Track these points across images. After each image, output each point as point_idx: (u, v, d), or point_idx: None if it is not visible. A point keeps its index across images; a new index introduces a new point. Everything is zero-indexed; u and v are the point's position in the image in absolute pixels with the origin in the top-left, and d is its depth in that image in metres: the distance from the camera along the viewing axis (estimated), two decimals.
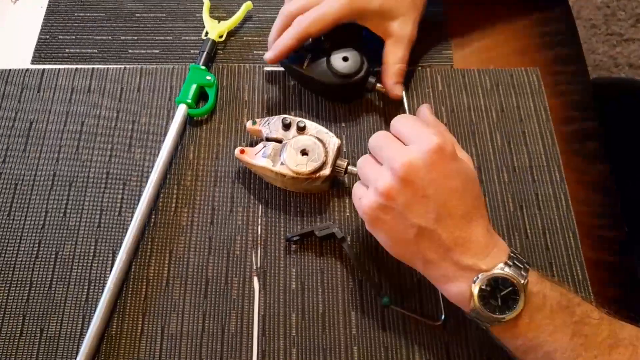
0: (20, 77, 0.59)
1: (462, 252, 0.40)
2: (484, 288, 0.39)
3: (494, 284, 0.39)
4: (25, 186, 0.54)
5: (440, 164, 0.41)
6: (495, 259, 0.40)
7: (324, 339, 0.48)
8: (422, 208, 0.40)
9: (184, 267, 0.51)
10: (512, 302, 0.39)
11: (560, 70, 0.61)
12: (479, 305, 0.39)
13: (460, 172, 0.42)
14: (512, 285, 0.39)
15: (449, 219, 0.40)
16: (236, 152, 0.51)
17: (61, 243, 0.51)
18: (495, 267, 0.39)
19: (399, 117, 0.44)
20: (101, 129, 0.57)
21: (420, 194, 0.40)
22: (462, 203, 0.41)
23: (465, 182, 0.42)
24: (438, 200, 0.40)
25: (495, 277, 0.39)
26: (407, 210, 0.40)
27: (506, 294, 0.39)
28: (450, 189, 0.41)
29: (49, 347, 0.47)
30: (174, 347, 0.48)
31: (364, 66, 0.55)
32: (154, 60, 0.61)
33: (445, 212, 0.40)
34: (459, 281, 0.40)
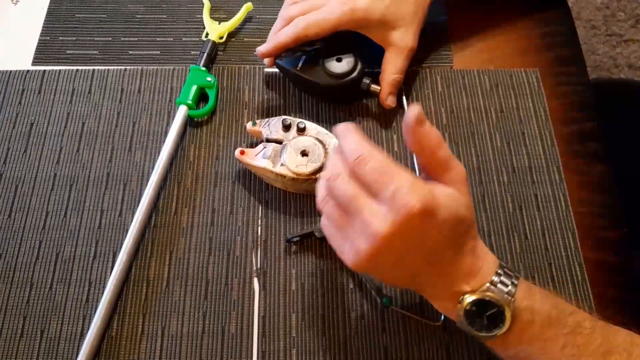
0: (21, 78, 0.59)
1: (450, 281, 0.40)
2: (468, 309, 0.39)
3: (479, 305, 0.39)
4: (26, 187, 0.54)
5: (423, 228, 0.37)
6: (479, 282, 0.39)
7: (324, 339, 0.48)
8: (404, 267, 0.39)
9: (184, 268, 0.51)
10: (498, 320, 0.39)
11: (560, 71, 0.62)
12: (464, 325, 0.39)
13: (443, 223, 0.38)
14: (497, 306, 0.38)
15: (436, 265, 0.39)
16: (236, 153, 0.52)
17: (62, 244, 0.51)
18: (481, 288, 0.39)
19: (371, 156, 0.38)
20: (102, 130, 0.57)
21: (403, 256, 0.38)
22: (448, 248, 0.39)
23: (453, 226, 0.38)
24: (422, 256, 0.38)
25: (478, 300, 0.39)
26: (392, 268, 0.39)
27: (492, 315, 0.39)
28: (434, 241, 0.38)
29: (50, 348, 0.48)
30: (174, 347, 0.48)
31: (358, 67, 0.55)
32: (154, 61, 0.61)
33: (431, 261, 0.39)
34: (447, 301, 0.40)
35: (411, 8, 0.54)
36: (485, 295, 0.39)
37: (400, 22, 0.54)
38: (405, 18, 0.54)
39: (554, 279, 0.51)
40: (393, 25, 0.54)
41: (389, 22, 0.54)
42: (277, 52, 0.55)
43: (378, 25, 0.54)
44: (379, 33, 0.55)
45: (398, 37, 0.55)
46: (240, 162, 0.53)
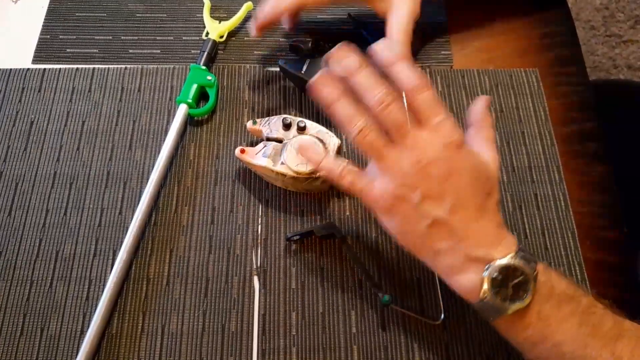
0: (21, 76, 0.59)
1: (474, 243, 0.40)
2: (495, 277, 0.39)
3: (506, 273, 0.39)
4: (26, 185, 0.54)
5: (459, 157, 0.41)
6: (506, 250, 0.40)
7: (324, 338, 0.48)
8: (438, 199, 0.40)
9: (185, 267, 0.51)
10: (522, 291, 0.39)
11: (559, 72, 0.62)
12: (489, 295, 0.39)
13: (473, 167, 0.42)
14: (523, 274, 0.39)
15: (462, 210, 0.40)
16: (236, 152, 0.52)
17: (62, 242, 0.51)
18: (506, 256, 0.39)
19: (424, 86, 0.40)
20: (102, 129, 0.57)
21: (437, 186, 0.40)
22: (476, 197, 0.41)
23: (477, 177, 0.41)
24: (454, 193, 0.40)
25: (507, 266, 0.39)
26: (423, 201, 0.40)
27: (517, 283, 0.39)
28: (464, 182, 0.41)
29: (50, 345, 0.48)
30: (174, 346, 0.48)
31: None
32: (154, 60, 0.61)
33: (459, 204, 0.40)
34: (469, 271, 0.40)
35: None
36: (514, 262, 0.39)
37: None
38: None
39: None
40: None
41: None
42: (277, 17, 0.54)
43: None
44: (380, 2, 0.54)
45: (400, 2, 0.54)
46: (240, 161, 0.53)
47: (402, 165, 0.40)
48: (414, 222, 0.41)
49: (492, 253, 0.40)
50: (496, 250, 0.40)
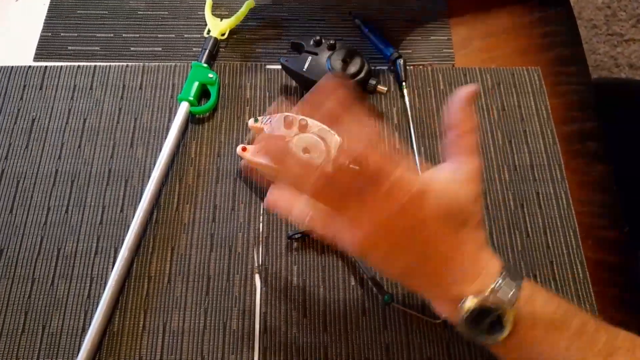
0: (23, 74, 0.59)
1: (448, 283, 0.39)
2: (467, 316, 0.38)
3: (480, 311, 0.38)
4: (28, 183, 0.54)
5: (421, 210, 0.38)
6: (481, 285, 0.38)
7: (325, 336, 0.48)
8: (405, 251, 0.39)
9: (186, 264, 0.51)
10: (499, 325, 0.38)
11: (561, 71, 0.62)
12: (465, 329, 0.39)
13: (446, 207, 0.39)
14: (497, 310, 0.38)
15: (433, 259, 0.39)
16: (238, 150, 0.52)
17: (63, 240, 0.51)
18: (482, 292, 0.38)
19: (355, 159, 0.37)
20: (103, 126, 0.57)
21: (403, 239, 0.38)
22: (444, 241, 0.39)
23: (451, 214, 0.39)
24: (419, 245, 0.39)
25: (479, 305, 0.38)
26: (391, 252, 0.39)
27: (492, 319, 0.38)
28: (429, 232, 0.38)
29: (51, 343, 0.48)
30: (175, 343, 0.48)
31: (365, 68, 0.55)
32: (156, 58, 0.61)
33: (427, 254, 0.39)
34: (446, 306, 0.39)
35: None
36: (487, 301, 0.38)
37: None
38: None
39: (555, 277, 0.51)
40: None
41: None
42: None
43: None
44: None
45: None
46: (242, 159, 0.53)
47: (363, 222, 0.38)
48: (388, 267, 0.40)
49: (466, 291, 0.38)
50: (471, 286, 0.38)
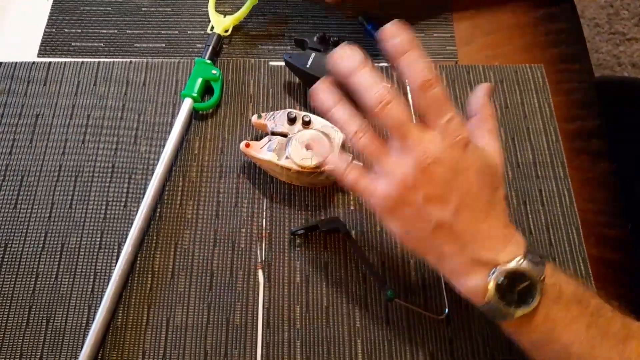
0: (27, 70, 0.59)
1: (479, 246, 0.39)
2: (500, 282, 0.38)
3: (511, 278, 0.38)
4: (32, 178, 0.54)
5: (465, 157, 0.39)
6: (513, 253, 0.39)
7: (328, 331, 0.49)
8: (442, 202, 0.39)
9: (189, 260, 0.51)
10: (528, 296, 0.38)
11: (564, 68, 0.62)
12: (494, 299, 0.38)
13: (481, 164, 0.40)
14: (529, 279, 0.38)
15: (468, 212, 0.39)
16: (241, 146, 0.52)
17: (67, 235, 0.52)
18: (513, 260, 0.38)
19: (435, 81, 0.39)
20: (107, 122, 0.57)
21: (441, 188, 0.39)
22: (481, 196, 0.40)
23: (484, 174, 0.40)
24: (459, 194, 0.39)
25: (512, 271, 0.38)
26: (426, 203, 0.39)
27: (523, 288, 0.38)
28: (469, 181, 0.40)
29: (55, 338, 0.48)
30: (178, 338, 0.48)
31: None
32: (159, 54, 0.61)
33: (464, 205, 0.39)
34: (475, 275, 0.39)
35: None
36: (520, 267, 0.38)
37: None
38: None
39: None
40: None
41: None
42: None
43: None
44: None
45: None
46: (245, 155, 0.53)
47: (402, 167, 0.39)
48: (417, 225, 0.40)
49: (498, 256, 0.39)
50: (503, 253, 0.39)
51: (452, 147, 0.39)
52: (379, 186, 0.40)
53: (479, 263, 0.39)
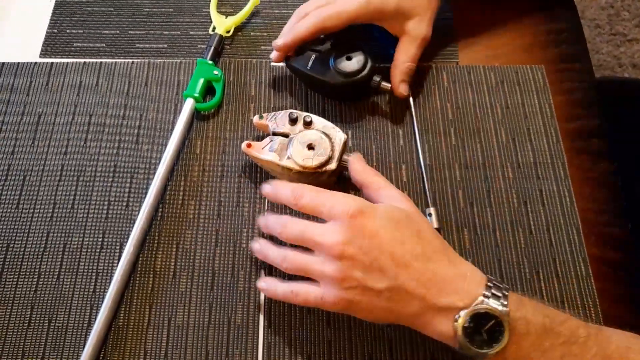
0: (29, 70, 0.59)
1: (437, 292, 0.40)
2: (467, 326, 0.39)
3: (476, 320, 0.39)
4: (34, 178, 0.54)
5: (365, 223, 0.41)
6: (472, 292, 0.40)
7: (329, 331, 0.49)
8: (377, 271, 0.40)
9: (191, 260, 0.51)
10: (497, 334, 0.38)
11: (565, 68, 0.62)
12: (464, 343, 0.39)
13: (386, 219, 0.42)
14: (495, 317, 0.38)
15: (407, 266, 0.40)
16: (243, 146, 0.52)
17: (69, 235, 0.52)
18: (474, 301, 0.39)
19: (302, 196, 0.44)
20: (109, 123, 0.57)
21: (367, 260, 0.40)
22: (408, 246, 0.41)
23: (398, 225, 0.42)
24: (386, 256, 0.40)
25: (475, 313, 0.39)
26: (366, 280, 0.40)
27: (490, 327, 0.38)
28: (389, 240, 0.41)
29: (57, 337, 0.48)
30: (180, 338, 0.48)
31: (368, 65, 0.55)
32: (161, 54, 0.61)
33: (400, 261, 0.40)
34: (441, 323, 0.40)
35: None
36: (481, 308, 0.39)
37: (415, 11, 0.54)
38: (419, 7, 0.54)
39: (558, 274, 0.51)
40: (408, 15, 0.54)
41: (403, 12, 0.54)
42: (294, 44, 0.55)
43: (393, 15, 0.54)
44: (394, 23, 0.55)
45: (412, 26, 0.55)
46: (246, 155, 0.53)
47: (327, 267, 0.41)
48: (375, 305, 0.41)
49: (458, 300, 0.39)
50: (461, 294, 0.39)
51: (350, 223, 0.41)
52: (325, 297, 0.42)
53: (441, 311, 0.40)
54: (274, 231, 0.46)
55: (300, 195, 0.44)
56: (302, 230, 0.43)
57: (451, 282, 0.40)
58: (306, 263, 0.43)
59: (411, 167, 0.56)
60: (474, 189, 0.55)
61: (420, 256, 0.41)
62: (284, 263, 0.44)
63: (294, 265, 0.44)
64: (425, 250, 0.41)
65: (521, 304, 0.40)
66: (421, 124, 0.58)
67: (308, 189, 0.45)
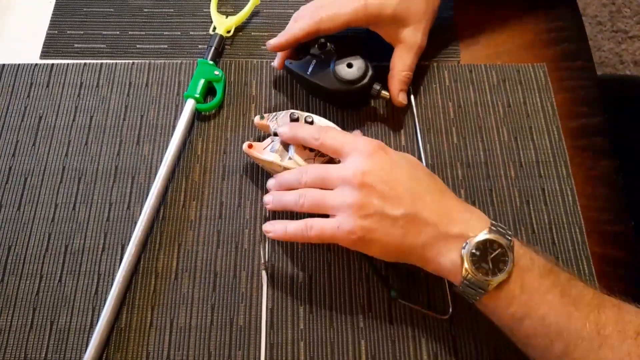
0: (30, 72, 0.59)
1: (448, 222, 0.42)
2: (474, 252, 0.41)
3: (483, 248, 0.41)
4: (35, 180, 0.54)
5: (385, 158, 0.45)
6: (479, 225, 0.42)
7: (332, 332, 0.49)
8: (394, 199, 0.43)
9: (193, 261, 0.51)
10: (502, 263, 0.40)
11: (566, 66, 0.62)
12: (471, 271, 0.40)
13: (404, 158, 0.46)
14: (501, 246, 0.41)
15: (422, 197, 0.43)
16: (244, 147, 0.52)
17: (71, 236, 0.52)
18: (481, 232, 0.41)
19: (326, 133, 0.47)
20: (110, 124, 0.57)
21: (386, 189, 0.43)
22: (423, 182, 0.45)
23: (414, 166, 0.46)
24: (404, 186, 0.43)
25: (483, 241, 0.41)
26: (384, 208, 0.42)
27: (496, 256, 0.40)
28: (406, 174, 0.44)
29: (59, 339, 0.48)
30: (182, 339, 0.48)
31: (369, 72, 0.55)
32: (162, 55, 0.61)
33: (416, 193, 0.43)
34: (449, 252, 0.42)
35: (422, 6, 0.54)
36: (490, 236, 0.41)
37: (411, 19, 0.54)
38: (415, 15, 0.54)
39: None
40: (404, 23, 0.54)
41: (400, 19, 0.54)
42: (288, 45, 0.55)
43: (389, 22, 0.54)
44: (390, 30, 0.55)
45: (408, 34, 0.55)
46: (248, 156, 0.53)
47: (345, 196, 0.43)
48: (389, 233, 0.43)
49: (467, 229, 0.42)
50: (470, 225, 0.42)
51: (371, 156, 0.44)
52: (340, 226, 0.43)
53: (450, 238, 0.42)
54: (294, 181, 0.47)
55: (325, 133, 0.47)
56: (323, 169, 0.46)
57: (461, 215, 0.43)
58: (324, 197, 0.45)
59: None
60: (476, 188, 0.55)
61: (434, 191, 0.44)
62: (300, 199, 0.45)
63: (311, 200, 0.45)
64: (438, 187, 0.45)
65: (524, 245, 0.43)
66: (423, 123, 0.58)
67: (331, 129, 0.48)
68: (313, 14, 0.54)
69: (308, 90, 0.59)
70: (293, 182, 0.47)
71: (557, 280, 0.41)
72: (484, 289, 0.41)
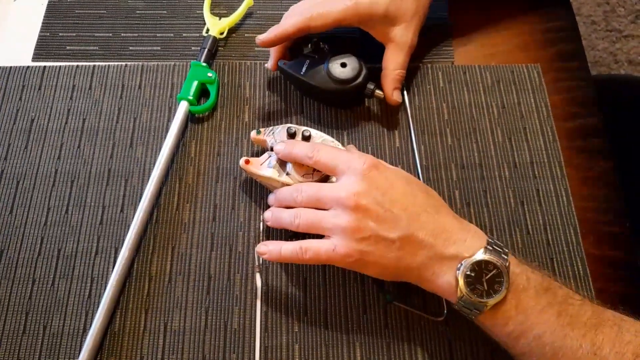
0: (21, 74, 0.59)
1: (443, 242, 0.42)
2: (468, 274, 0.40)
3: (478, 269, 0.40)
4: (27, 183, 0.54)
5: (379, 177, 0.44)
6: (475, 245, 0.42)
7: (327, 335, 0.48)
8: (390, 221, 0.42)
9: (187, 264, 0.51)
10: (497, 284, 0.40)
11: (561, 67, 0.61)
12: (466, 292, 0.40)
13: (398, 175, 0.45)
14: (496, 267, 0.40)
15: (418, 217, 0.43)
16: (241, 163, 0.51)
17: (63, 240, 0.51)
18: (477, 252, 0.41)
19: (319, 151, 0.46)
20: (102, 126, 0.57)
21: (381, 211, 0.42)
22: (418, 199, 0.44)
23: (409, 182, 0.45)
24: (398, 207, 0.43)
25: (478, 262, 0.41)
26: (379, 230, 0.42)
27: (491, 277, 0.40)
28: (401, 193, 0.44)
29: (52, 343, 0.48)
30: (176, 343, 0.48)
31: (362, 72, 0.54)
32: (155, 57, 0.61)
33: (412, 213, 0.43)
34: (446, 273, 0.42)
35: (412, 5, 0.54)
36: (483, 257, 0.41)
37: (402, 18, 0.54)
38: (406, 14, 0.54)
39: (556, 274, 0.51)
40: (394, 22, 0.54)
41: (390, 18, 0.54)
42: (278, 40, 0.54)
43: (380, 20, 0.54)
44: (381, 29, 0.55)
45: (399, 33, 0.54)
46: (245, 172, 0.52)
47: (340, 222, 0.43)
48: (385, 256, 0.43)
49: (462, 250, 0.41)
50: (465, 246, 0.42)
51: (364, 176, 0.44)
52: (337, 248, 0.43)
53: (446, 259, 0.42)
54: (289, 199, 0.47)
55: (317, 152, 0.46)
56: (317, 189, 0.45)
57: (457, 234, 0.43)
58: (319, 218, 0.44)
59: (407, 168, 0.55)
60: (471, 189, 0.55)
61: (429, 209, 0.44)
62: (295, 220, 0.45)
63: (306, 220, 0.45)
64: (434, 204, 0.45)
65: (521, 263, 0.42)
66: (417, 124, 0.57)
67: (324, 147, 0.47)
68: (304, 11, 0.54)
69: (302, 90, 0.59)
70: (289, 201, 0.47)
71: (553, 299, 0.40)
72: (479, 309, 0.41)
